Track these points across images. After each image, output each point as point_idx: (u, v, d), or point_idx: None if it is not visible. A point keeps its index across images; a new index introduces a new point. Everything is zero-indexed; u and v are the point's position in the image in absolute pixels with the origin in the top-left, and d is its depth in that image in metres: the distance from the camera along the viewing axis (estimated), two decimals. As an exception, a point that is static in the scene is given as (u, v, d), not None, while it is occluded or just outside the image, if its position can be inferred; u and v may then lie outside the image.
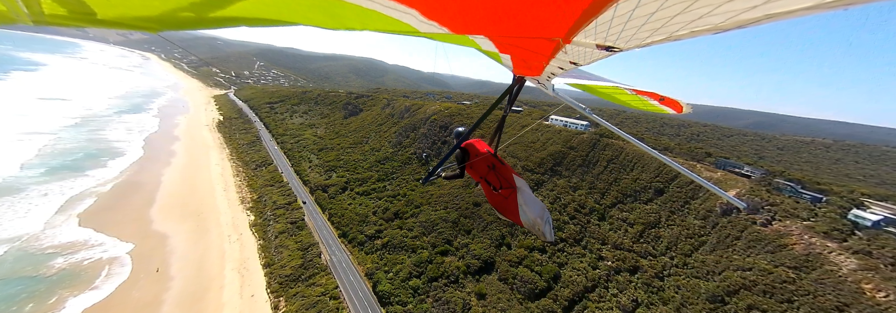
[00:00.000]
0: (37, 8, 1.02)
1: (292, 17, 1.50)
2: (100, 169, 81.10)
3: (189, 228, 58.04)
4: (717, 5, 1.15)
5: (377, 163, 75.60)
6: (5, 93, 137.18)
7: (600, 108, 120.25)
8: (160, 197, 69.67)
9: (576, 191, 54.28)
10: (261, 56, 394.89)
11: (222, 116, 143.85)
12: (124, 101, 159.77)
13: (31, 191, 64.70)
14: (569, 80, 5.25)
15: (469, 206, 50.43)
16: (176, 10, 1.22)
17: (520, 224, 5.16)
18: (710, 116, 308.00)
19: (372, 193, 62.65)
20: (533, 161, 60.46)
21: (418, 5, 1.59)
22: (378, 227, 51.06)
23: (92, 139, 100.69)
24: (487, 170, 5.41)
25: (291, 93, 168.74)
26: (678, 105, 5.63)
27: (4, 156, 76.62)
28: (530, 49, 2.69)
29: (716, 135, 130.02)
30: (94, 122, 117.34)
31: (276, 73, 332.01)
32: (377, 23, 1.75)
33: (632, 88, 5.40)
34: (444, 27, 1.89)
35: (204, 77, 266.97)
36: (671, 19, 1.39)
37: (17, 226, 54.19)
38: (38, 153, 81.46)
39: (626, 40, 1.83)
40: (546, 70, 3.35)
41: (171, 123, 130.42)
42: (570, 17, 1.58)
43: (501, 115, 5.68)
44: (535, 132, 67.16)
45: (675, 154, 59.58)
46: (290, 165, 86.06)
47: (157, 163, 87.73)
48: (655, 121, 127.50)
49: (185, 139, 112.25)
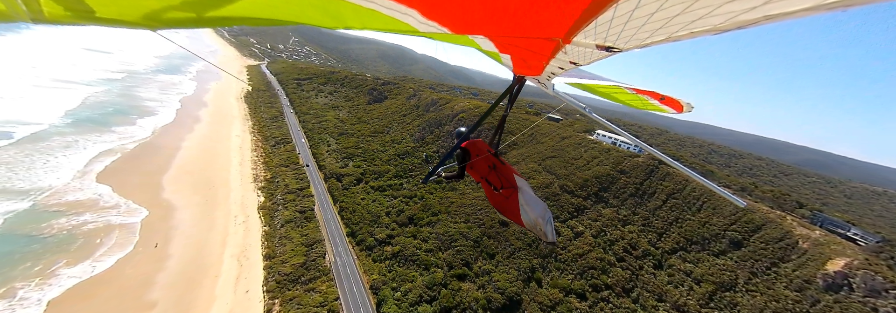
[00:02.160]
0: (36, 6, 1.00)
1: (292, 17, 1.47)
2: (127, 126, 78.18)
3: (198, 202, 54.19)
4: (716, 6, 1.12)
5: (396, 156, 70.00)
6: (54, 41, 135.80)
7: (641, 125, 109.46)
8: (176, 163, 66.15)
9: (625, 226, 44.99)
10: (297, 32, 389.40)
11: (251, 87, 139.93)
12: (164, 61, 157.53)
13: (54, 142, 61.77)
14: (569, 80, 5.05)
15: (494, 224, 43.66)
16: (175, 9, 1.20)
17: (521, 224, 4.84)
18: (757, 147, 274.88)
19: (387, 190, 57.28)
20: (574, 181, 51.03)
21: (418, 5, 1.54)
22: (390, 231, 45.77)
23: (125, 95, 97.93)
24: (488, 170, 5.13)
25: (320, 71, 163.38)
26: (678, 104, 5.37)
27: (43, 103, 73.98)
28: (530, 49, 2.60)
29: (772, 170, 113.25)
30: (131, 79, 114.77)
31: (309, 50, 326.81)
32: (377, 23, 1.70)
33: (632, 88, 5.20)
34: (444, 27, 1.84)
35: (241, 46, 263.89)
36: (671, 20, 1.34)
37: (37, 177, 51.09)
38: (70, 104, 78.51)
39: (625, 41, 1.76)
40: (546, 70, 3.22)
41: (203, 89, 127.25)
42: (570, 17, 1.53)
43: (502, 115, 5.42)
44: (577, 147, 58.41)
45: (757, 198, 48.20)
46: (308, 147, 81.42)
47: (182, 128, 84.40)
48: (702, 147, 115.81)
49: (212, 106, 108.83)
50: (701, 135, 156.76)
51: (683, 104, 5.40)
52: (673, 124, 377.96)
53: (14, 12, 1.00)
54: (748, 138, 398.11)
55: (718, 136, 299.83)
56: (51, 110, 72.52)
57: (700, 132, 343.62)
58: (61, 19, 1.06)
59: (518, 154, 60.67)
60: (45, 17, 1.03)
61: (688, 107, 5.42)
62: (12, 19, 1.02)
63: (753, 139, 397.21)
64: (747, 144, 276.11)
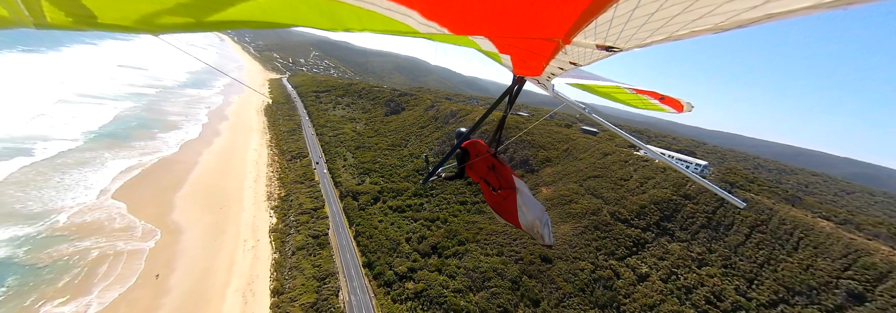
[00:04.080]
0: (39, 12, 1.01)
1: (291, 20, 1.47)
2: (148, 141, 75.76)
3: (208, 223, 49.49)
4: (717, 5, 1.10)
5: (415, 172, 64.04)
6: (91, 57, 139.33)
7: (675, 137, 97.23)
8: (191, 180, 62.35)
9: (702, 268, 35.47)
10: (317, 46, 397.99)
11: (272, 100, 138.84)
12: (194, 76, 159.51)
13: (72, 158, 59.11)
14: (569, 80, 4.96)
15: (535, 259, 35.84)
16: (175, 14, 1.19)
17: (518, 226, 4.68)
18: (800, 160, 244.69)
19: (407, 211, 51.03)
20: (627, 207, 42.23)
21: (418, 6, 1.53)
22: (411, 263, 39.25)
23: (151, 109, 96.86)
24: (487, 171, 5.02)
25: (338, 84, 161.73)
26: (679, 104, 5.21)
27: (67, 119, 72.63)
28: (530, 49, 2.55)
29: (830, 188, 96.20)
30: (159, 94, 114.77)
31: (328, 63, 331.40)
32: (376, 24, 1.68)
33: (632, 87, 5.04)
34: (443, 28, 1.81)
35: (265, 61, 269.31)
36: (671, 19, 1.31)
37: (49, 198, 47.71)
38: (94, 120, 76.94)
39: (626, 40, 1.72)
40: (546, 70, 3.14)
41: (227, 102, 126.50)
42: (570, 17, 1.50)
43: (501, 116, 5.18)
44: (624, 165, 50.01)
45: (869, 234, 35.54)
46: (324, 161, 76.74)
47: (201, 143, 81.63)
48: (747, 161, 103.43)
49: (233, 119, 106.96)
50: (741, 148, 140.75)
51: (683, 104, 5.17)
52: (702, 135, 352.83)
53: (17, 18, 0.99)
54: (788, 150, 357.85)
55: (755, 148, 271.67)
56: (74, 126, 70.84)
57: (730, 142, 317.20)
58: (64, 24, 1.06)
59: (553, 172, 52.92)
60: (47, 23, 1.03)
61: (688, 107, 5.22)
62: (16, 25, 1.02)
63: (794, 151, 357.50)
64: (789, 157, 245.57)
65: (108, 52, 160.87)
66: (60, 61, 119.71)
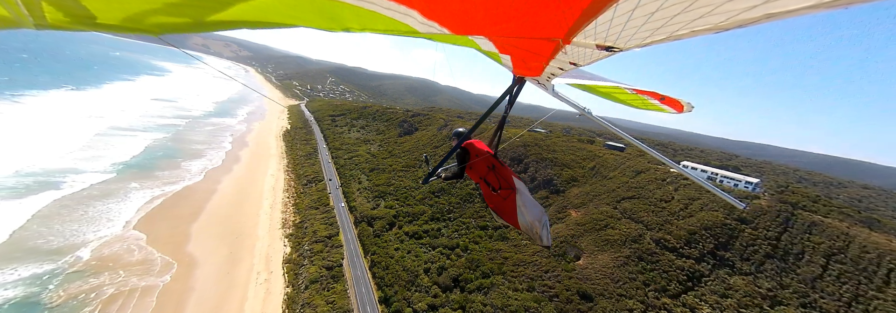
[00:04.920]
0: (39, 12, 1.01)
1: (291, 20, 1.46)
2: (172, 170, 77.06)
3: (221, 255, 47.64)
4: (717, 5, 1.09)
5: (431, 194, 61.23)
6: (128, 92, 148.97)
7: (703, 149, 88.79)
8: (209, 208, 61.74)
9: (776, 307, 29.19)
10: (334, 73, 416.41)
11: (290, 125, 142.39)
12: (219, 106, 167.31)
13: (97, 190, 59.95)
14: (569, 80, 4.85)
15: (574, 297, 30.95)
16: (175, 14, 1.19)
17: (517, 226, 4.62)
18: (841, 171, 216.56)
19: (424, 237, 47.69)
20: (674, 233, 36.85)
21: (418, 6, 1.52)
22: (432, 299, 35.39)
23: (177, 139, 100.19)
24: (487, 171, 4.94)
25: (353, 107, 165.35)
26: (679, 104, 5.16)
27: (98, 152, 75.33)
28: (530, 50, 2.52)
29: (889, 203, 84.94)
30: (186, 124, 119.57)
31: (343, 88, 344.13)
32: (377, 24, 1.67)
33: (632, 88, 4.99)
34: (443, 28, 1.80)
35: (285, 89, 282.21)
36: (671, 19, 1.31)
37: (71, 232, 47.55)
38: (123, 151, 79.45)
39: (626, 40, 1.72)
40: (546, 70, 3.11)
41: (248, 129, 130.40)
42: (570, 17, 1.49)
43: (501, 116, 5.10)
44: (662, 184, 44.84)
45: None
46: (339, 185, 75.32)
47: (221, 170, 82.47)
48: (787, 174, 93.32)
49: (252, 146, 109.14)
50: (776, 159, 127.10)
51: (684, 104, 5.12)
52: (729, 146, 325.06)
53: (17, 18, 1.00)
54: (826, 160, 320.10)
55: (792, 159, 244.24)
56: (105, 158, 73.07)
57: (762, 153, 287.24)
58: (63, 25, 1.06)
59: (582, 193, 48.26)
60: (48, 23, 1.04)
61: (688, 107, 5.16)
62: (16, 25, 1.02)
63: (831, 161, 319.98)
64: (828, 167, 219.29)
65: (144, 87, 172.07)
66: (100, 97, 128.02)
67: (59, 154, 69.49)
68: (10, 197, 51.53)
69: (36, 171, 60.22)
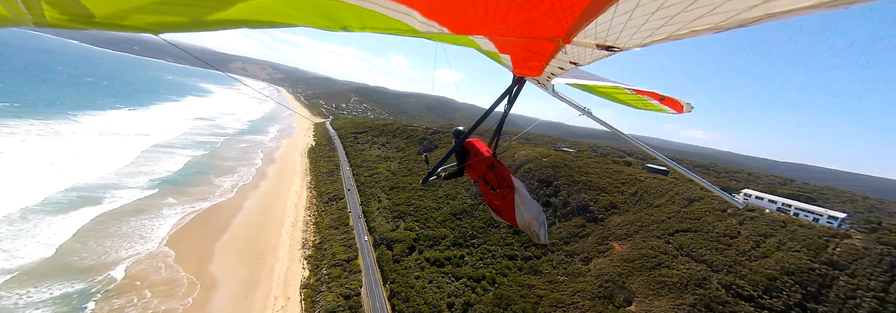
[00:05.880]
0: (38, 10, 1.01)
1: (290, 20, 1.45)
2: (205, 186, 78.99)
3: (241, 278, 46.24)
4: (717, 5, 1.08)
5: (452, 216, 58.26)
6: (174, 112, 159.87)
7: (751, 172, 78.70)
8: (234, 226, 61.63)
9: None
10: (357, 92, 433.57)
11: (315, 142, 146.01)
12: (252, 124, 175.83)
13: (132, 206, 61.54)
14: (569, 80, 4.80)
15: None
16: (174, 13, 1.19)
17: (515, 225, 4.68)
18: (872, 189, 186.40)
19: (446, 265, 44.31)
20: (748, 277, 30.41)
21: (418, 5, 1.52)
22: (455, 341, 31.56)
23: (213, 156, 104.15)
24: (486, 170, 5.00)
25: (375, 124, 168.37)
26: (678, 104, 5.13)
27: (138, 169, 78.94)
28: (530, 49, 2.47)
29: None
30: (223, 141, 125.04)
31: (366, 106, 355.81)
32: (377, 23, 1.66)
33: (632, 88, 4.93)
34: (443, 27, 1.79)
35: (312, 107, 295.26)
36: (671, 18, 1.29)
37: (104, 249, 48.13)
38: (160, 168, 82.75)
39: (626, 40, 1.70)
40: (546, 70, 3.09)
41: (276, 146, 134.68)
42: (570, 17, 1.48)
43: (501, 116, 5.06)
44: (723, 216, 38.13)
45: None
46: (359, 202, 73.99)
47: (249, 187, 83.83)
48: (855, 203, 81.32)
49: (279, 162, 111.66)
50: (839, 185, 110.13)
51: (683, 104, 5.08)
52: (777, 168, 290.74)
53: (16, 16, 1.00)
54: (889, 184, 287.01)
55: (858, 185, 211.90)
56: (144, 175, 76.11)
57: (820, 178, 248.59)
58: (62, 23, 1.06)
59: (625, 223, 42.69)
60: (46, 21, 1.04)
61: (687, 108, 5.13)
62: (15, 23, 1.03)
63: (868, 179, 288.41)
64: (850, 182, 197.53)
65: (188, 107, 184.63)
66: (149, 117, 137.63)
67: (105, 171, 73.09)
68: (55, 211, 53.58)
69: (81, 186, 63.09)
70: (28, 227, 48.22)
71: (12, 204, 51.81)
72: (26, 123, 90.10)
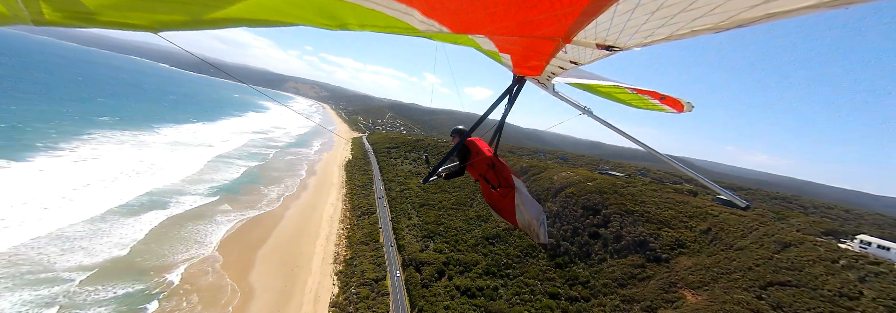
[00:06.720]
0: (37, 9, 1.00)
1: (289, 18, 1.45)
2: (254, 195, 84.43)
3: (276, 291, 46.87)
4: (717, 5, 1.07)
5: (484, 240, 55.22)
6: (235, 126, 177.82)
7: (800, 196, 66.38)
8: (275, 235, 64.01)
9: None
10: (392, 108, 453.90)
11: (352, 156, 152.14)
12: (299, 138, 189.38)
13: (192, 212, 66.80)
14: (569, 80, 4.73)
15: None
16: (174, 12, 1.18)
17: (515, 224, 4.68)
18: None
19: (478, 296, 41.11)
20: None
21: (418, 4, 1.51)
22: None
23: (264, 167, 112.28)
24: (487, 169, 5.00)
25: (407, 139, 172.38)
26: (679, 103, 5.03)
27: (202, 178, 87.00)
28: (530, 48, 2.48)
29: None
30: (275, 153, 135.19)
31: (400, 122, 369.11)
32: (376, 22, 1.65)
33: (632, 87, 4.84)
34: (443, 26, 1.79)
35: (352, 123, 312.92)
36: (672, 18, 1.28)
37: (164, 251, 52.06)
38: (219, 177, 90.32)
39: (626, 39, 1.70)
40: (546, 70, 3.06)
41: (318, 159, 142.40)
42: (570, 16, 1.47)
43: (502, 116, 5.03)
44: (829, 266, 30.08)
45: None
46: (389, 219, 73.71)
47: (292, 197, 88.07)
48: (878, 225, 62.79)
49: (319, 174, 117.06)
50: (888, 211, 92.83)
51: (684, 103, 4.98)
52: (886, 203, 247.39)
53: (15, 15, 1.00)
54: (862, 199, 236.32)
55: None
56: (205, 183, 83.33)
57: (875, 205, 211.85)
58: (61, 21, 1.05)
59: (697, 267, 35.41)
60: (45, 20, 1.03)
61: (688, 107, 5.00)
62: (14, 22, 1.02)
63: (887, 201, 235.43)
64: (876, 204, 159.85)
65: (248, 122, 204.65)
66: (215, 130, 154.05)
67: (177, 177, 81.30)
68: (129, 214, 59.69)
69: (154, 192, 70.32)
70: (106, 227, 53.92)
71: (100, 205, 58.81)
72: (119, 134, 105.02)
